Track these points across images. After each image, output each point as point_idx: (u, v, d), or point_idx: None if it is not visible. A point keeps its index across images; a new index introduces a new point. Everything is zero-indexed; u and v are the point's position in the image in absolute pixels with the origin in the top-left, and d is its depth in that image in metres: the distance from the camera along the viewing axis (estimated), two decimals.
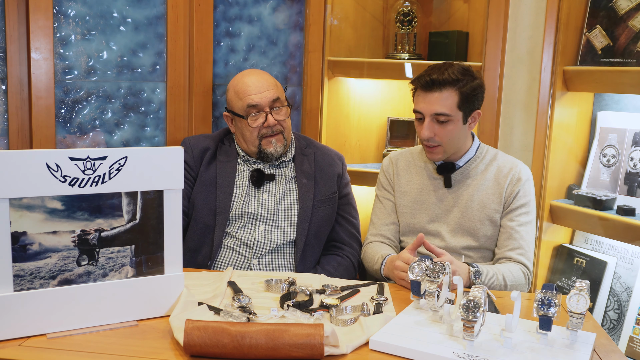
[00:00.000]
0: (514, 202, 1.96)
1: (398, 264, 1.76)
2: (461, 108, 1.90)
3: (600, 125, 2.52)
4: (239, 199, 2.07)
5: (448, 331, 1.38)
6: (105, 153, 1.36)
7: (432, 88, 1.89)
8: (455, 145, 1.96)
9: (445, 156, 1.98)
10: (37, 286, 1.33)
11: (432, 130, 1.91)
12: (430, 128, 1.91)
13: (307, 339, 1.24)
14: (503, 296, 1.70)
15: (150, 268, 1.44)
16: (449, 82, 1.87)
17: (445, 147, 1.95)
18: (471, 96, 1.90)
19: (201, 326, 1.26)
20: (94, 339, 1.34)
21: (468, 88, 1.89)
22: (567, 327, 1.38)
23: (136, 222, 1.42)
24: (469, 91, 1.89)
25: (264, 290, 1.66)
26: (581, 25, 2.47)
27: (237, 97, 2.10)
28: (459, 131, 1.93)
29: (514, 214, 1.96)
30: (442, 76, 1.87)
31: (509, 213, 1.96)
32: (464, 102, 1.89)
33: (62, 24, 2.22)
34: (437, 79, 1.87)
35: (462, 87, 1.88)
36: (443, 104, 1.88)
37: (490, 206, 1.97)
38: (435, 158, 1.99)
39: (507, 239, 1.95)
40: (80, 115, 2.30)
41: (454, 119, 1.90)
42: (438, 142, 1.93)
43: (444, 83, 1.87)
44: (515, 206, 1.96)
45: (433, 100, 1.89)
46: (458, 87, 1.88)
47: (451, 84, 1.87)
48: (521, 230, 1.94)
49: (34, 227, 1.31)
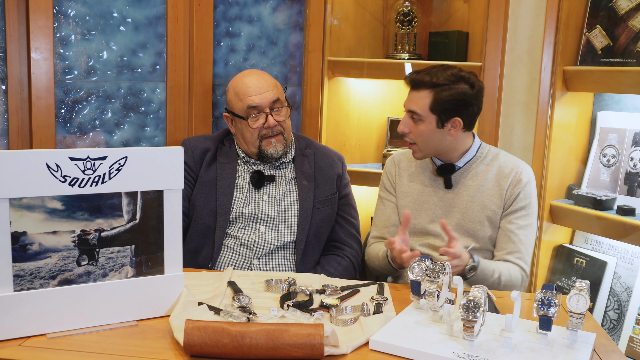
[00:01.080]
0: (514, 204, 1.95)
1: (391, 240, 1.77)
2: (434, 111, 1.91)
3: (600, 125, 2.52)
4: (239, 200, 2.07)
5: (448, 331, 1.38)
6: (105, 153, 1.36)
7: (413, 87, 1.96)
8: (432, 147, 1.97)
9: (425, 155, 1.99)
10: (37, 286, 1.33)
11: (407, 126, 1.96)
12: (404, 122, 1.97)
13: (307, 339, 1.24)
14: (503, 296, 1.70)
15: (150, 268, 1.44)
16: (427, 84, 1.91)
17: (420, 146, 1.97)
18: (449, 103, 1.90)
19: (201, 326, 1.26)
20: (94, 339, 1.34)
21: (446, 95, 1.89)
22: (567, 327, 1.38)
23: (136, 222, 1.42)
24: (447, 98, 1.89)
25: (264, 290, 1.66)
26: (581, 25, 2.47)
27: (237, 97, 2.10)
28: (432, 133, 1.94)
29: (513, 217, 1.95)
30: (423, 78, 1.92)
31: (508, 215, 1.96)
32: (437, 106, 1.90)
33: (62, 24, 2.22)
34: (416, 78, 1.94)
35: (440, 92, 1.89)
36: (416, 103, 1.93)
37: (490, 207, 1.96)
38: (415, 156, 2.02)
39: (506, 241, 1.94)
40: (80, 115, 2.30)
41: (424, 119, 1.92)
42: (412, 140, 1.97)
43: (421, 84, 1.92)
44: (515, 208, 1.95)
45: (411, 97, 1.96)
46: (435, 91, 1.90)
47: (428, 86, 1.91)
48: (520, 234, 1.94)
49: (34, 227, 1.31)
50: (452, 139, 1.96)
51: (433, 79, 1.90)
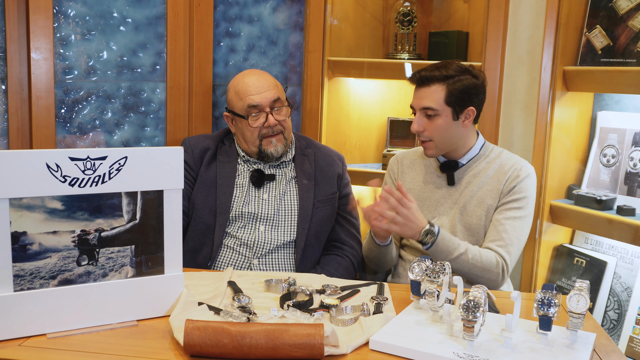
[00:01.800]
0: (507, 196, 1.96)
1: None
2: (449, 104, 1.94)
3: (600, 125, 2.52)
4: (239, 199, 2.07)
5: (448, 331, 1.38)
6: (105, 153, 1.36)
7: (422, 84, 1.97)
8: (448, 141, 1.98)
9: (439, 152, 2.00)
10: (37, 286, 1.33)
11: (421, 125, 1.98)
12: (419, 122, 1.98)
13: (307, 339, 1.24)
14: (503, 296, 1.70)
15: (150, 268, 1.44)
16: (437, 78, 1.94)
17: (436, 142, 1.98)
18: (463, 93, 1.94)
19: (201, 326, 1.26)
20: (94, 339, 1.34)
21: (459, 85, 1.94)
22: (567, 327, 1.38)
23: (136, 222, 1.42)
24: (460, 88, 1.94)
25: (264, 290, 1.66)
26: (581, 25, 2.47)
27: (238, 97, 2.10)
28: (449, 127, 1.96)
29: (504, 207, 1.96)
30: (431, 73, 1.95)
31: (500, 206, 1.96)
32: (451, 98, 1.94)
33: (62, 24, 2.22)
34: (425, 75, 1.96)
35: (452, 84, 1.94)
36: (430, 98, 1.95)
37: (487, 202, 1.97)
38: (428, 154, 2.02)
39: (491, 230, 1.94)
40: (80, 115, 2.30)
41: (441, 113, 1.95)
42: (429, 137, 1.98)
43: (431, 79, 1.95)
44: (507, 200, 1.95)
45: (422, 95, 1.97)
46: (447, 84, 1.94)
47: (439, 80, 1.94)
48: (506, 224, 1.92)
49: (34, 227, 1.31)
50: (464, 131, 1.99)
51: (443, 72, 1.94)
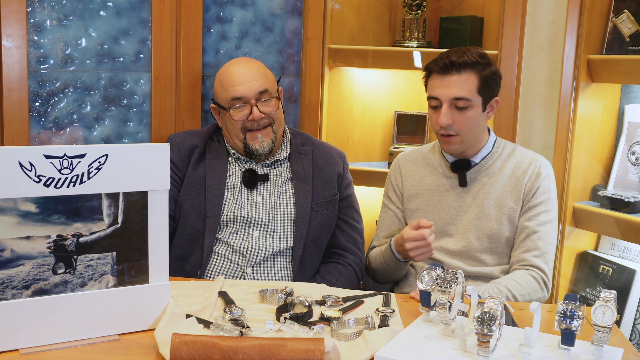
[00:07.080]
0: (533, 199, 1.96)
1: (404, 232, 1.85)
2: (481, 93, 1.94)
3: (628, 119, 2.53)
4: (230, 201, 2.07)
5: (461, 346, 1.38)
6: (83, 150, 1.36)
7: (451, 71, 1.92)
8: (474, 136, 1.98)
9: (463, 148, 1.99)
10: (8, 297, 1.34)
11: (451, 117, 1.93)
12: (448, 114, 1.93)
13: (306, 354, 1.25)
14: (521, 308, 1.70)
15: (133, 277, 1.45)
16: (469, 64, 1.91)
17: (463, 137, 1.96)
18: (491, 81, 1.95)
19: (189, 341, 1.26)
20: (72, 355, 1.34)
21: (488, 72, 1.94)
22: (592, 342, 1.38)
23: (118, 226, 1.42)
24: (488, 75, 1.94)
25: (258, 302, 1.67)
26: (607, 9, 2.48)
27: (222, 87, 2.10)
28: (479, 119, 1.96)
29: (532, 212, 1.96)
30: (462, 58, 1.91)
31: (527, 211, 1.97)
32: (483, 86, 1.93)
33: (36, 9, 2.23)
34: (457, 61, 1.91)
35: (482, 71, 1.93)
36: (462, 87, 1.91)
37: (507, 204, 1.97)
38: (452, 149, 1.99)
39: (524, 239, 1.95)
40: (56, 108, 2.30)
41: (473, 104, 1.93)
42: (456, 131, 1.95)
43: (463, 65, 1.91)
44: (535, 204, 1.96)
45: (452, 83, 1.92)
46: (478, 71, 1.92)
47: (471, 66, 1.91)
48: (540, 230, 1.94)
49: (5, 232, 1.32)
50: (484, 125, 2.00)
51: (472, 58, 1.91)
